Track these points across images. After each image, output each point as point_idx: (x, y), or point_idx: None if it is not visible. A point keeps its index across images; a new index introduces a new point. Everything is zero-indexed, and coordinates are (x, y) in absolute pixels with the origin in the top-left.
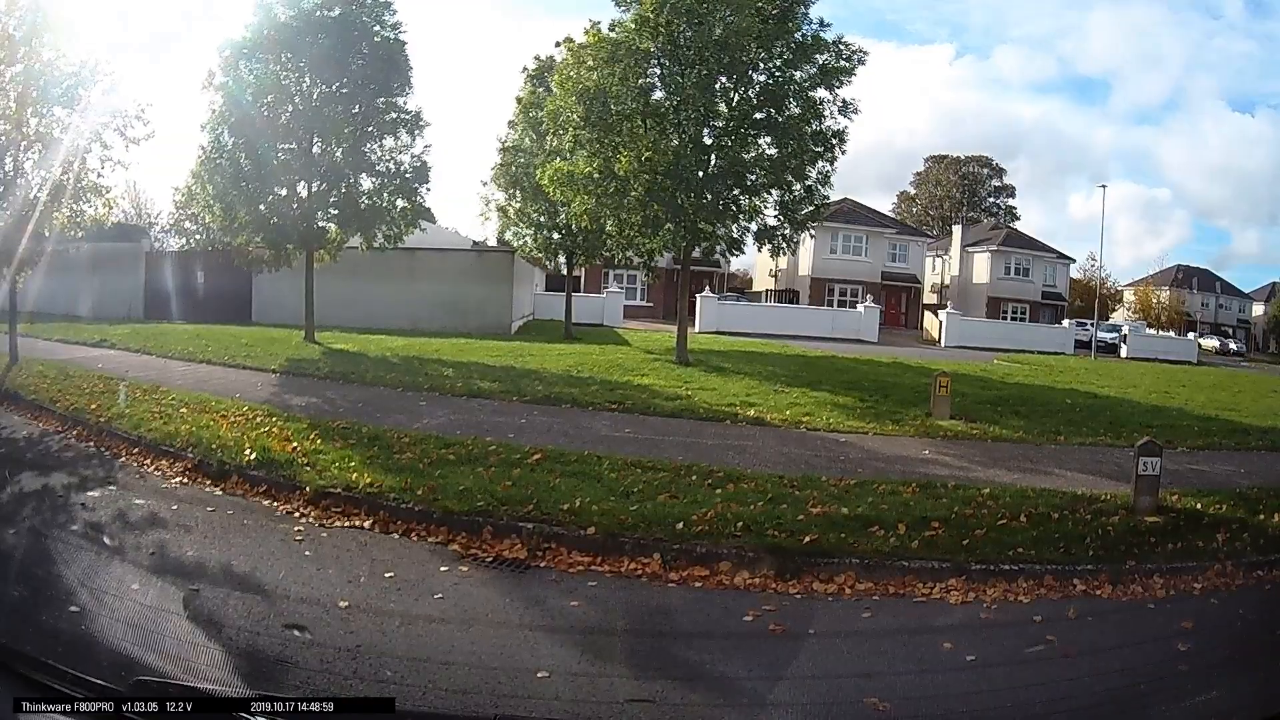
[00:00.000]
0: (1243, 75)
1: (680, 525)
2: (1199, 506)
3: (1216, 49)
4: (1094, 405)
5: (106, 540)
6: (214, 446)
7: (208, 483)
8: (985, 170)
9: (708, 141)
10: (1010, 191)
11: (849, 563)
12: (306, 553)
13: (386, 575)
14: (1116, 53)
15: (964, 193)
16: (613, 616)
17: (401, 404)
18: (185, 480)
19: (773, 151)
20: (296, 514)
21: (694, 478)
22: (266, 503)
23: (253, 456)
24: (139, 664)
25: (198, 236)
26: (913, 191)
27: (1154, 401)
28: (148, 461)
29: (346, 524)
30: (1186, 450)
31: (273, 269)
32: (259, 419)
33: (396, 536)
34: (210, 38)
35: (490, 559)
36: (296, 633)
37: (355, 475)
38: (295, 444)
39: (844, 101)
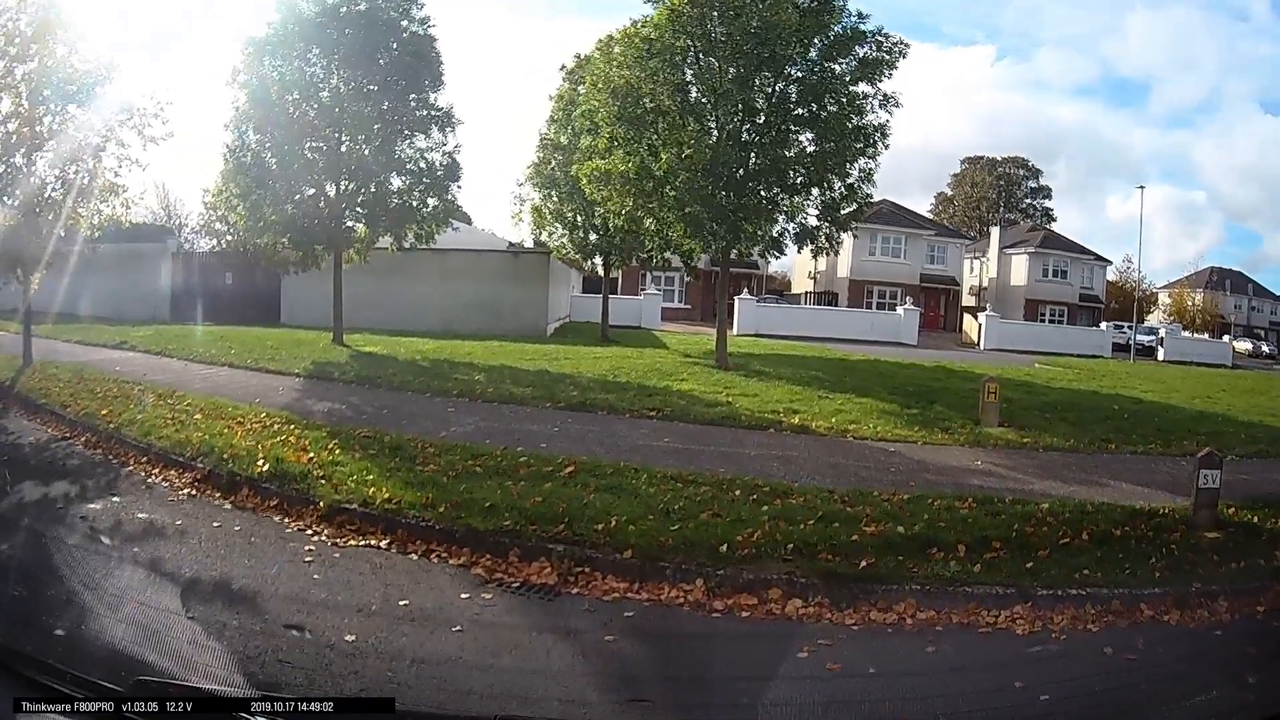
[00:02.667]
0: (1274, 77)
1: (724, 548)
2: (1255, 520)
3: (1246, 51)
4: (1140, 411)
5: (99, 558)
6: (225, 456)
7: (217, 495)
8: (1022, 171)
9: (746, 138)
10: (1047, 193)
11: (908, 589)
12: (315, 575)
13: (401, 604)
14: (1152, 55)
15: (1000, 194)
16: (653, 655)
17: (429, 410)
18: (194, 492)
19: (813, 148)
20: (309, 531)
21: (738, 493)
22: (277, 518)
23: (265, 468)
24: (139, 664)
25: (228, 238)
26: (950, 193)
27: (1198, 407)
28: (156, 471)
29: (361, 543)
30: (1235, 459)
31: (300, 270)
32: (276, 426)
33: (415, 558)
34: (235, 33)
35: (517, 584)
36: (290, 669)
37: (373, 489)
38: (312, 454)
39: (885, 95)
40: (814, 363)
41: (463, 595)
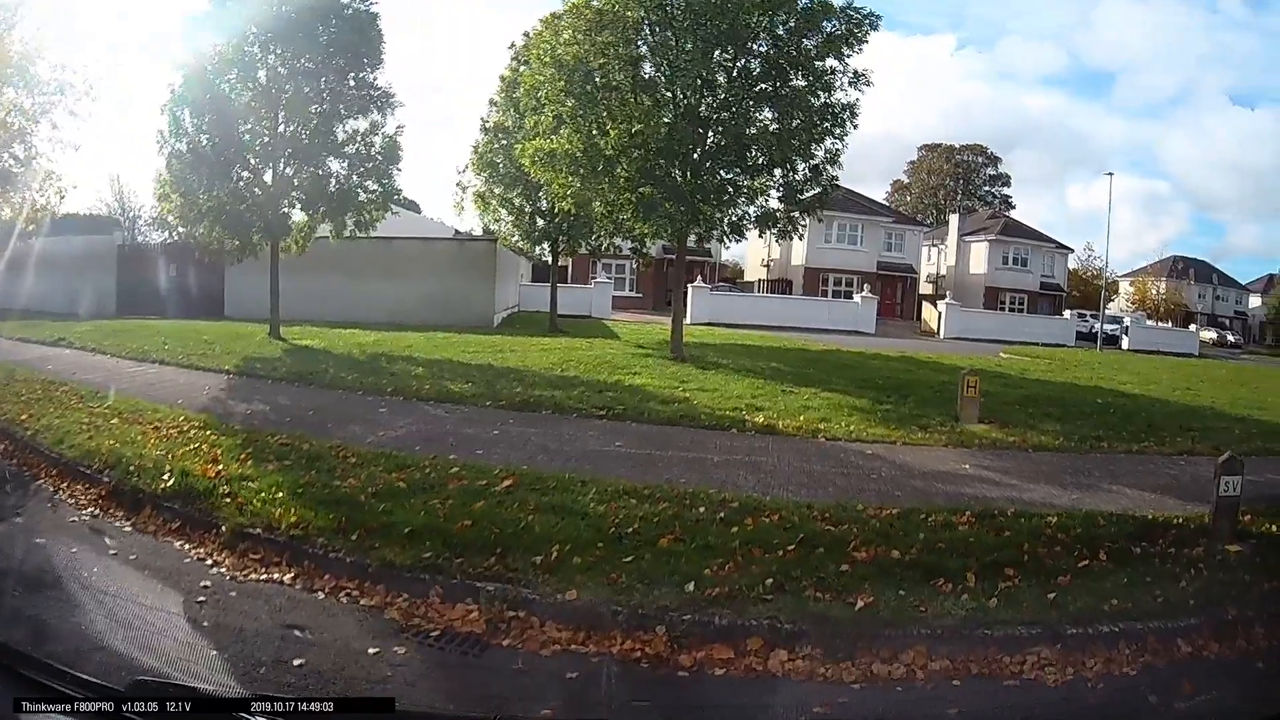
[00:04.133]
0: (1245, 70)
1: (691, 585)
2: (1276, 530)
3: (1218, 43)
4: (1125, 406)
5: None
6: (133, 468)
7: (120, 514)
8: (980, 159)
9: (705, 114)
10: (1006, 180)
11: (916, 633)
12: (205, 622)
13: (295, 664)
14: (1121, 46)
15: (959, 182)
16: None
17: (359, 411)
18: (98, 511)
19: (776, 126)
20: (209, 561)
21: (702, 510)
22: (178, 544)
23: (170, 483)
24: (139, 664)
25: (180, 229)
26: (906, 180)
27: (1182, 400)
28: (64, 485)
29: (264, 576)
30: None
31: (235, 260)
32: (193, 432)
33: (322, 596)
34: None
35: (437, 633)
36: None
37: (281, 511)
38: (222, 466)
39: (855, 72)
40: (773, 353)
41: (371, 650)
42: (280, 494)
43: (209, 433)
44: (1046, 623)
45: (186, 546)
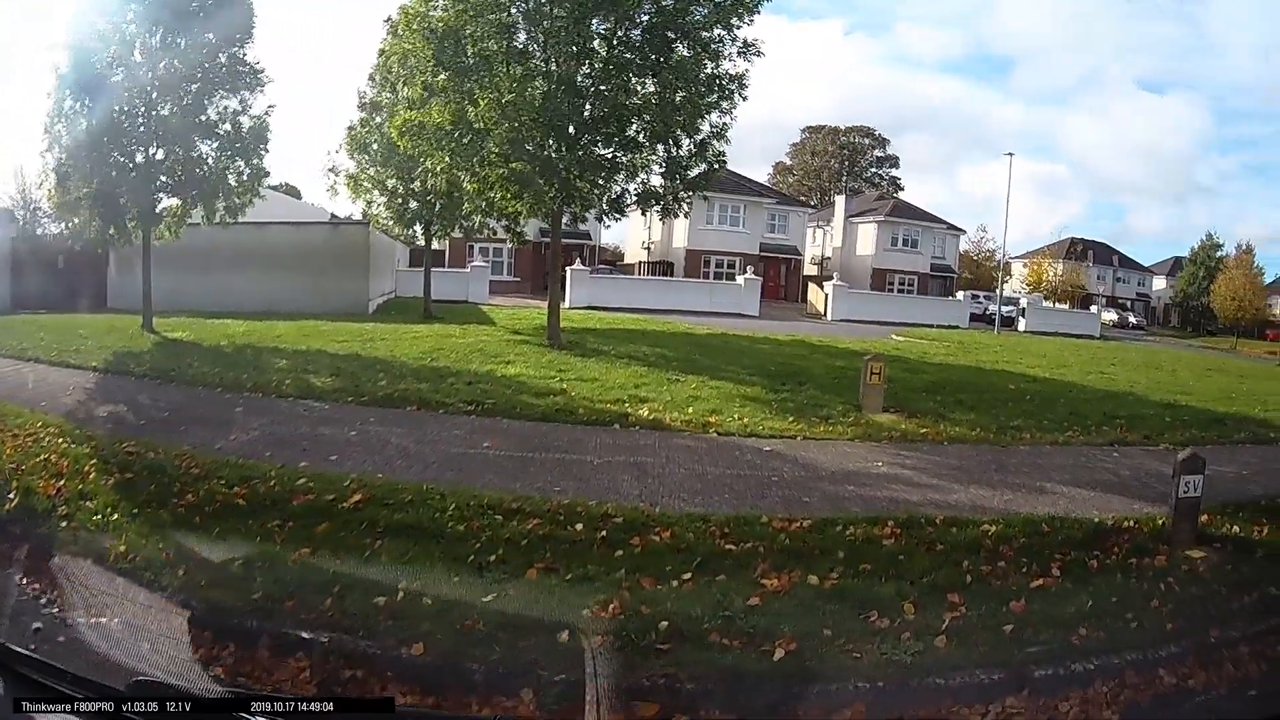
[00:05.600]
0: (1158, 57)
1: (566, 634)
2: (1238, 530)
3: (1132, 31)
4: (1040, 392)
5: None
6: None
7: None
8: (867, 141)
9: (582, 84)
10: (894, 162)
11: (853, 688)
12: None
13: None
14: (1025, 32)
15: (844, 163)
16: None
17: (215, 410)
18: None
19: (659, 98)
20: (43, 600)
21: (580, 527)
22: (19, 578)
23: (15, 502)
24: (139, 665)
25: (60, 219)
26: (789, 162)
27: (1099, 385)
28: None
29: (91, 622)
30: (1171, 448)
31: (111, 249)
32: (47, 440)
33: (147, 648)
34: None
35: None
36: None
37: (112, 540)
38: (64, 482)
39: (745, 42)
40: (657, 338)
41: None
42: (115, 516)
43: (63, 441)
44: (1008, 663)
45: (25, 581)
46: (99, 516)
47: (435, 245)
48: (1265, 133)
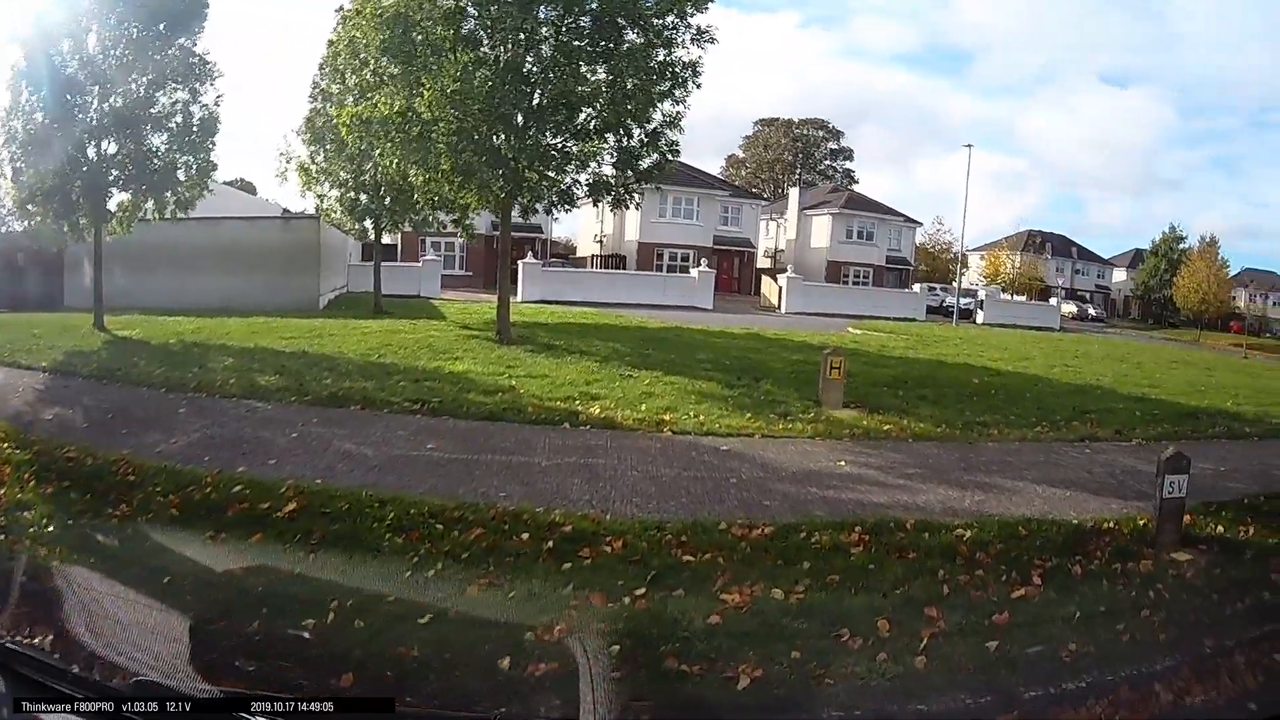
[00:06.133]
0: (1119, 50)
1: (507, 661)
2: (1221, 530)
3: (1093, 24)
4: (1004, 386)
5: None
6: None
7: None
8: (821, 133)
9: (529, 71)
10: (848, 155)
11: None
12: None
13: None
14: (983, 26)
15: (797, 156)
16: None
17: (158, 412)
18: None
19: (609, 87)
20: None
21: (525, 537)
22: None
23: None
24: (139, 665)
25: (13, 215)
26: (741, 155)
27: (1064, 379)
28: None
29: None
30: (1145, 443)
31: (59, 247)
32: None
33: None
34: None
35: None
36: None
37: (45, 553)
38: (4, 490)
39: (698, 29)
40: (610, 332)
41: None
42: (50, 528)
43: (6, 446)
44: (996, 686)
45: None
46: (33, 531)
47: (387, 239)
48: (1231, 126)
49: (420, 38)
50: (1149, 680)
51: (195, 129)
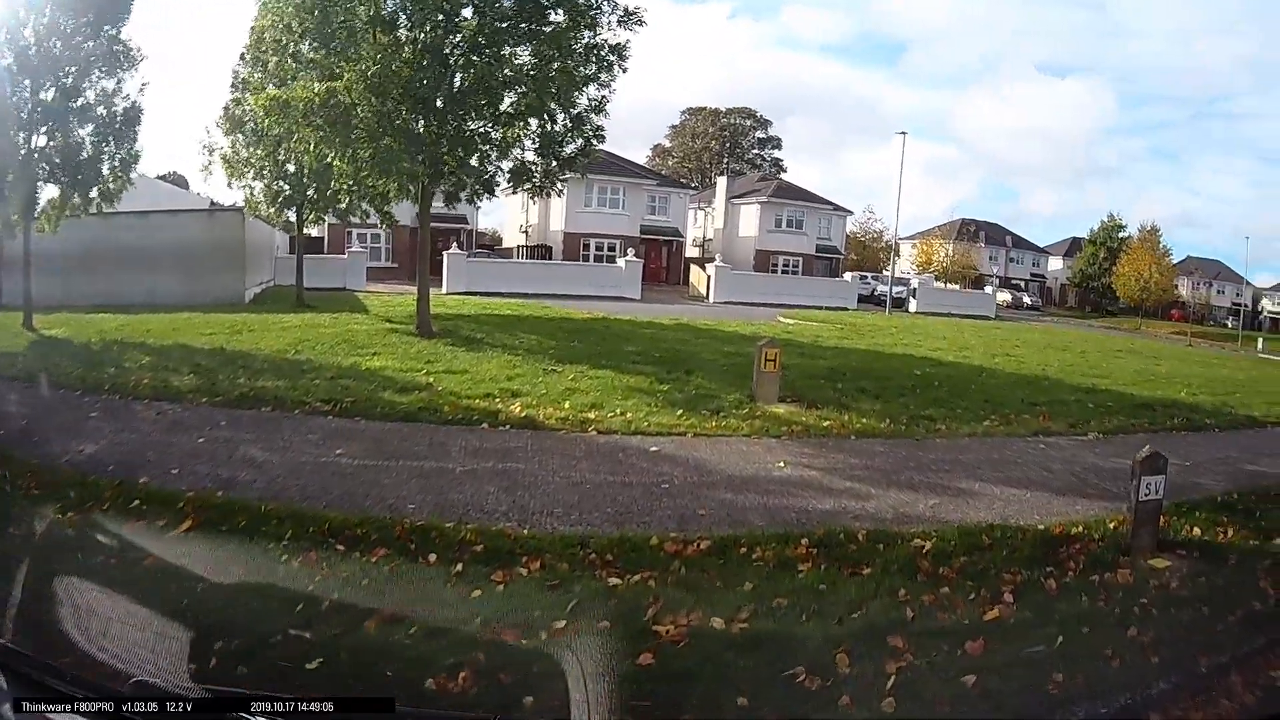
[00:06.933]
0: (1058, 41)
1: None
2: (1199, 533)
3: (1031, 16)
4: (948, 377)
5: None
6: None
7: None
8: (749, 122)
9: (449, 54)
10: (776, 144)
11: None
12: None
13: None
14: (918, 18)
15: (725, 145)
16: None
17: (69, 418)
18: None
19: (533, 70)
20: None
21: (434, 558)
22: None
23: None
24: (139, 665)
25: None
26: (668, 144)
27: (1008, 369)
28: None
29: None
30: (1102, 436)
31: None
32: None
33: None
34: None
35: None
36: None
37: None
38: None
39: (626, 10)
40: (535, 324)
41: None
42: None
43: None
44: None
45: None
46: None
47: (314, 232)
48: (1171, 116)
49: (339, 19)
50: (1144, 708)
51: (119, 119)
